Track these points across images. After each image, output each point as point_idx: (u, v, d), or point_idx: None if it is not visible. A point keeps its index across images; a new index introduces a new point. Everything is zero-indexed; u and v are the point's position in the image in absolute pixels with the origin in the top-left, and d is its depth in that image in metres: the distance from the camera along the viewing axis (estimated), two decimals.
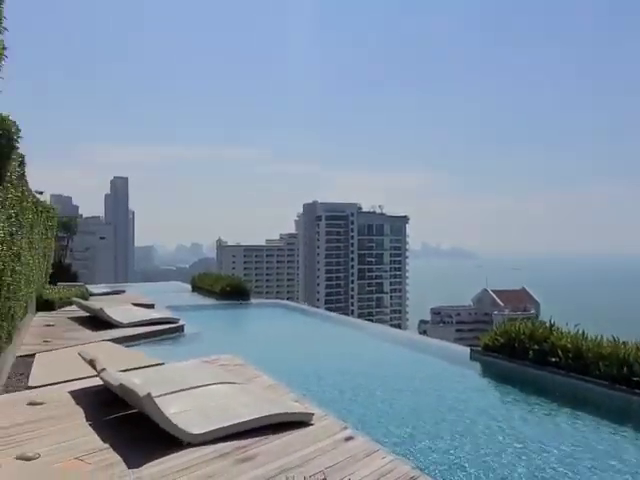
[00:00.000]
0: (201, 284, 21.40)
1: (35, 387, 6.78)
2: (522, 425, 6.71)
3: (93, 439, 4.97)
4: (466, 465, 5.23)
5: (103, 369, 5.84)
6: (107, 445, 4.81)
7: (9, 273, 5.11)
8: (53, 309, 14.29)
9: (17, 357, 8.57)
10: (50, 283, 18.02)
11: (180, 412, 5.13)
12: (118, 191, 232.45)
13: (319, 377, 8.83)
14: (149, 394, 4.72)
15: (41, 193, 10.43)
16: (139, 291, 21.25)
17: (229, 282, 19.29)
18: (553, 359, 8.03)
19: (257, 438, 5.00)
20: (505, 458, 5.44)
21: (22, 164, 5.95)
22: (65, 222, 24.34)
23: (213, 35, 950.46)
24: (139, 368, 7.66)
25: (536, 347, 8.33)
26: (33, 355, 8.78)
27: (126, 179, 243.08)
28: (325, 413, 5.77)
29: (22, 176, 5.94)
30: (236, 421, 5.07)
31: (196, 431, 4.85)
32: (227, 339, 13.01)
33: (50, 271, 16.71)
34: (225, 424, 5.00)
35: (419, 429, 6.28)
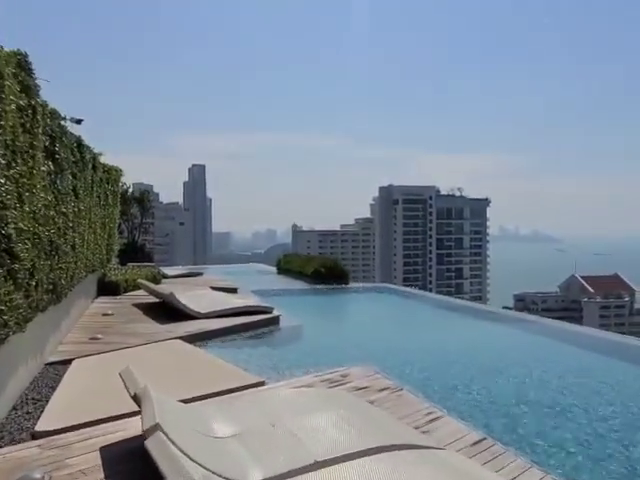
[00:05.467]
0: (289, 266, 18.40)
1: (45, 433, 3.78)
2: None
3: None
4: None
5: (153, 426, 2.74)
6: None
7: None
8: (117, 293, 11.69)
9: (45, 365, 5.77)
10: (120, 264, 15.69)
11: None
12: (196, 178, 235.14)
13: (492, 402, 5.41)
14: None
15: (79, 122, 7.44)
16: (218, 273, 18.52)
17: (323, 263, 16.16)
18: None
19: None
20: None
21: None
22: (138, 197, 22.44)
23: (289, 23, 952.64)
24: (221, 393, 4.64)
25: None
26: (71, 361, 5.96)
27: (203, 166, 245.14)
28: None
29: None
30: None
31: None
32: (339, 336, 9.61)
33: (116, 247, 14.19)
34: None
35: None
